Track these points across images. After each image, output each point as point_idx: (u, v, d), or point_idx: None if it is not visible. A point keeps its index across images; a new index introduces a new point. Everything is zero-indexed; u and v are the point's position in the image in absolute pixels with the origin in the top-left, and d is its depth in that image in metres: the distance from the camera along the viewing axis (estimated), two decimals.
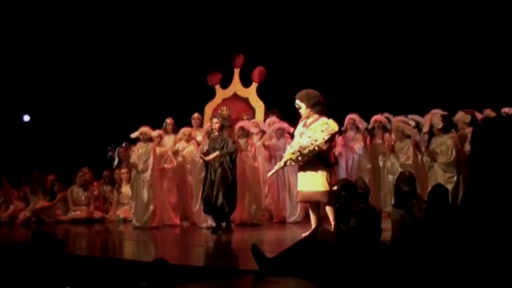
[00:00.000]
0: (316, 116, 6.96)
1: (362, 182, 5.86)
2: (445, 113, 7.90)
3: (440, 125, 7.58)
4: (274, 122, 9.36)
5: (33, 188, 10.56)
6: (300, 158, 6.79)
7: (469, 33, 10.32)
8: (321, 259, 4.73)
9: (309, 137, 6.74)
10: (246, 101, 10.90)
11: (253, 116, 10.41)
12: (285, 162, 6.92)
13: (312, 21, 11.43)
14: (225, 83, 11.21)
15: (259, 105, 10.69)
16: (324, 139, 6.71)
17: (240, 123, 9.08)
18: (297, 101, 7.04)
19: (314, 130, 6.81)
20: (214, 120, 8.40)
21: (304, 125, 7.01)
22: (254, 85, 10.90)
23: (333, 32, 11.24)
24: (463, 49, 10.48)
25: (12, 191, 10.83)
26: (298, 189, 7.07)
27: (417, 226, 5.07)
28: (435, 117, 7.77)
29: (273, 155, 9.04)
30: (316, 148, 6.71)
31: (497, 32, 10.11)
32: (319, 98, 7.00)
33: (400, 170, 7.59)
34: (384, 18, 10.92)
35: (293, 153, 6.80)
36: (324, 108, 7.01)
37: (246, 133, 8.93)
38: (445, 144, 7.45)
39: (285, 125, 9.16)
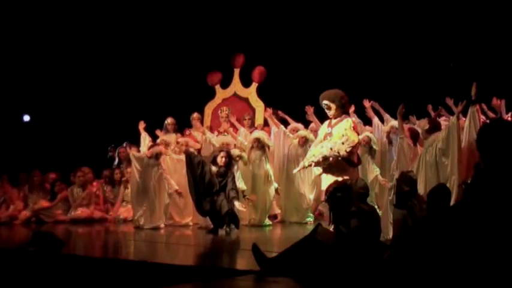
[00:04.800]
0: (342, 115, 6.96)
1: (363, 182, 5.85)
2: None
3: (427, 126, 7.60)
4: (298, 129, 9.33)
5: (31, 186, 10.51)
6: (321, 163, 6.82)
7: (469, 33, 10.31)
8: (321, 259, 4.72)
9: (331, 149, 6.70)
10: (246, 101, 10.90)
11: (254, 116, 10.41)
12: (309, 164, 6.93)
13: (312, 20, 11.42)
14: (225, 83, 11.21)
15: (259, 105, 10.68)
16: (346, 151, 6.69)
17: (255, 135, 9.07)
18: (326, 102, 6.96)
19: (337, 136, 6.77)
20: (222, 153, 8.27)
21: (329, 125, 6.99)
22: (254, 85, 10.89)
23: (333, 32, 11.23)
24: (462, 49, 10.47)
25: (12, 190, 10.80)
26: (322, 189, 7.10)
27: (417, 225, 5.05)
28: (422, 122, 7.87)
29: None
30: (339, 158, 6.71)
31: (497, 31, 10.10)
32: (346, 97, 7.02)
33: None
34: (385, 18, 10.91)
35: (315, 160, 6.81)
36: (348, 107, 7.06)
37: (261, 145, 8.91)
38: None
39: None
